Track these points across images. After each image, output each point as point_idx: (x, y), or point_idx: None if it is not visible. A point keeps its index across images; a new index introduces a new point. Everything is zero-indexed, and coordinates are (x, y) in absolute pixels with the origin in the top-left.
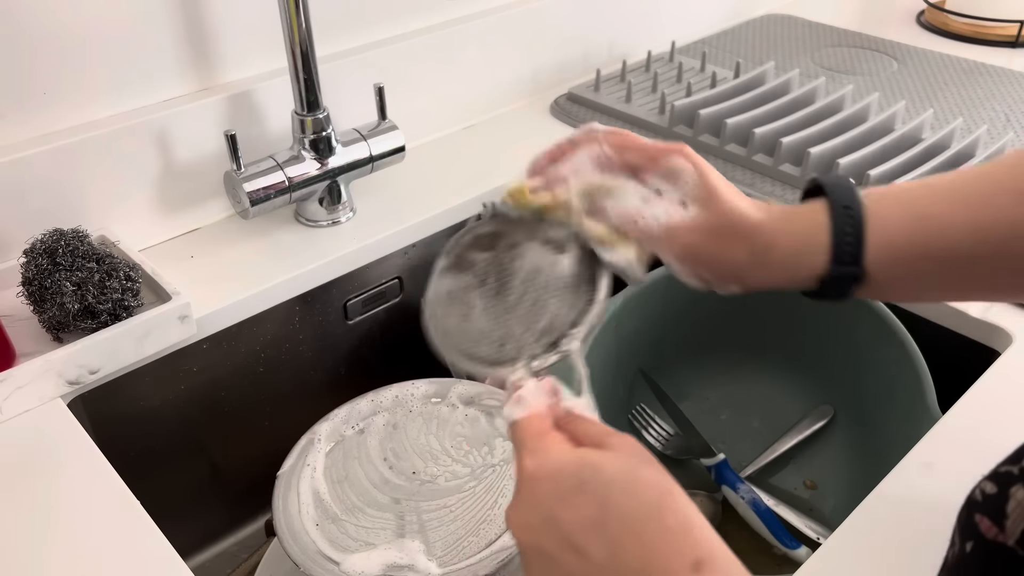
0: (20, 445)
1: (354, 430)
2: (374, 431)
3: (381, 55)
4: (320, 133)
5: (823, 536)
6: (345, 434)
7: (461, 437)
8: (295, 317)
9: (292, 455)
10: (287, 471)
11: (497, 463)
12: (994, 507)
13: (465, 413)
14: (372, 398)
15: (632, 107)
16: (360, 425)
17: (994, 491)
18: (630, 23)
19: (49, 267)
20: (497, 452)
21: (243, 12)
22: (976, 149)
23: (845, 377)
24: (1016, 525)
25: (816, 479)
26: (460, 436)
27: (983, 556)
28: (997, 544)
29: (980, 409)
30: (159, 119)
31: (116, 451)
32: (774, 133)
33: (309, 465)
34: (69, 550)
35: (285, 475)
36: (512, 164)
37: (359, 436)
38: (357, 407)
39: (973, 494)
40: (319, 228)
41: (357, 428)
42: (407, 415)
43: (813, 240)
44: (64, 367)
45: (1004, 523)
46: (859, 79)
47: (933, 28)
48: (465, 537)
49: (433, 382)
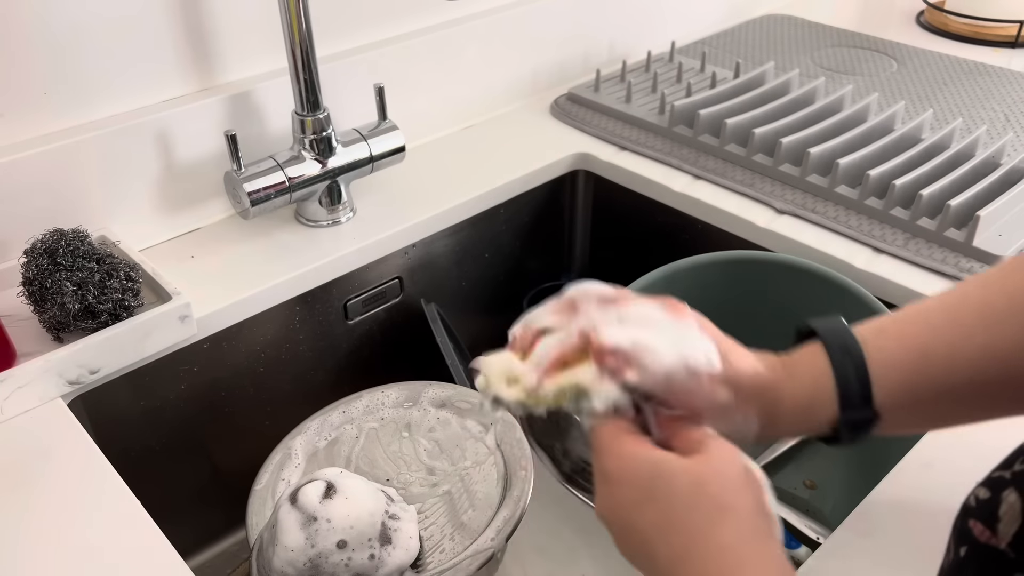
0: (20, 445)
1: (327, 441)
2: (346, 441)
3: (381, 55)
4: (320, 133)
5: (823, 536)
6: (318, 446)
7: (434, 441)
8: (295, 317)
9: (266, 470)
10: (262, 487)
11: (469, 465)
12: (987, 511)
13: (437, 416)
14: (343, 408)
15: (632, 107)
16: (332, 435)
17: (987, 496)
18: (630, 23)
19: (50, 267)
20: (469, 455)
21: (243, 12)
22: (976, 149)
23: None
24: (1008, 528)
25: (816, 479)
26: (433, 440)
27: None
28: (990, 548)
29: None
30: (160, 119)
31: (116, 451)
32: (774, 133)
33: (284, 480)
34: (69, 550)
35: (260, 491)
36: (513, 164)
37: (332, 447)
38: (328, 418)
39: (968, 501)
40: (319, 228)
41: (330, 439)
42: (379, 423)
43: (819, 390)
44: (64, 367)
45: (996, 526)
46: (859, 79)
47: (933, 28)
48: (441, 542)
49: (404, 387)
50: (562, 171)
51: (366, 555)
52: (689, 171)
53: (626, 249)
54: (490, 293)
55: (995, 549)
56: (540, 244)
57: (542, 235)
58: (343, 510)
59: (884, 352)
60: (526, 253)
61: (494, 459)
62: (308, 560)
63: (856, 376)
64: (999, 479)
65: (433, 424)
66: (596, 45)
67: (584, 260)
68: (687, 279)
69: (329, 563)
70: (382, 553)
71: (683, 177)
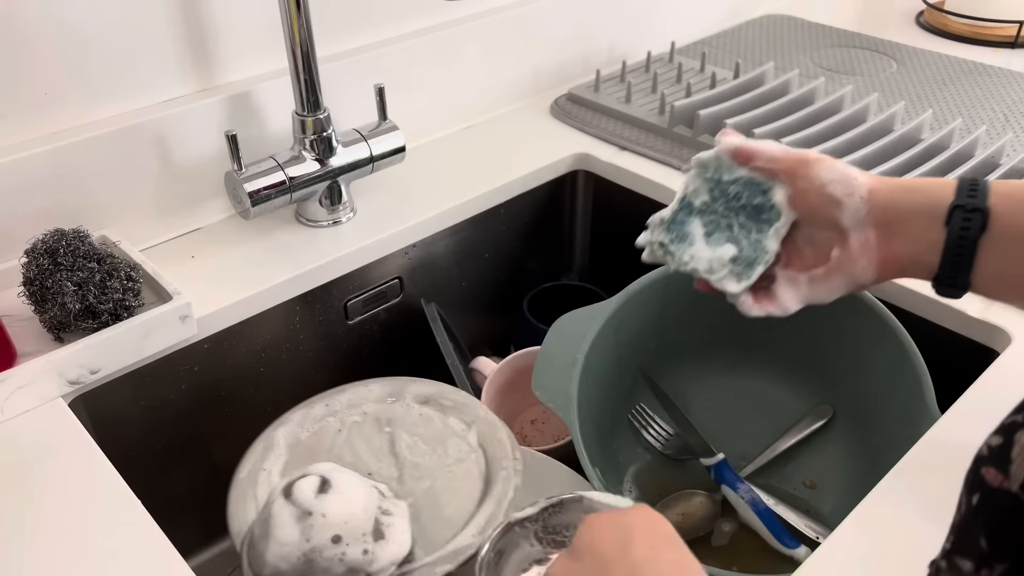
0: (21, 445)
1: (309, 433)
2: (328, 433)
3: (381, 55)
4: (321, 133)
5: (822, 536)
6: (300, 437)
7: (417, 436)
8: (296, 317)
9: (248, 460)
10: (244, 477)
11: (451, 463)
12: (1000, 456)
13: (420, 413)
14: (326, 401)
15: (632, 107)
16: (315, 427)
17: (999, 442)
18: (630, 23)
19: (50, 267)
20: (451, 452)
21: (244, 13)
22: (975, 149)
23: (845, 377)
24: (1021, 470)
25: (816, 479)
26: (415, 436)
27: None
28: (1003, 491)
29: (979, 409)
30: (160, 119)
31: (117, 451)
32: (774, 133)
33: (265, 470)
34: (70, 550)
35: (242, 480)
36: (513, 164)
37: (314, 439)
38: (311, 411)
39: (980, 451)
40: (320, 228)
41: (312, 431)
42: (362, 416)
43: (940, 192)
44: (65, 367)
45: (1009, 469)
46: (858, 80)
47: (932, 29)
48: (421, 536)
49: (388, 382)
50: (562, 171)
51: (360, 550)
52: None
53: (626, 249)
54: (490, 293)
55: (1008, 492)
56: (540, 244)
57: (542, 235)
58: (338, 505)
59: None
60: (526, 253)
61: (476, 457)
62: (302, 554)
63: (975, 182)
64: (1011, 424)
65: (416, 420)
66: (596, 45)
67: (584, 260)
68: (687, 279)
69: (323, 558)
70: (375, 548)
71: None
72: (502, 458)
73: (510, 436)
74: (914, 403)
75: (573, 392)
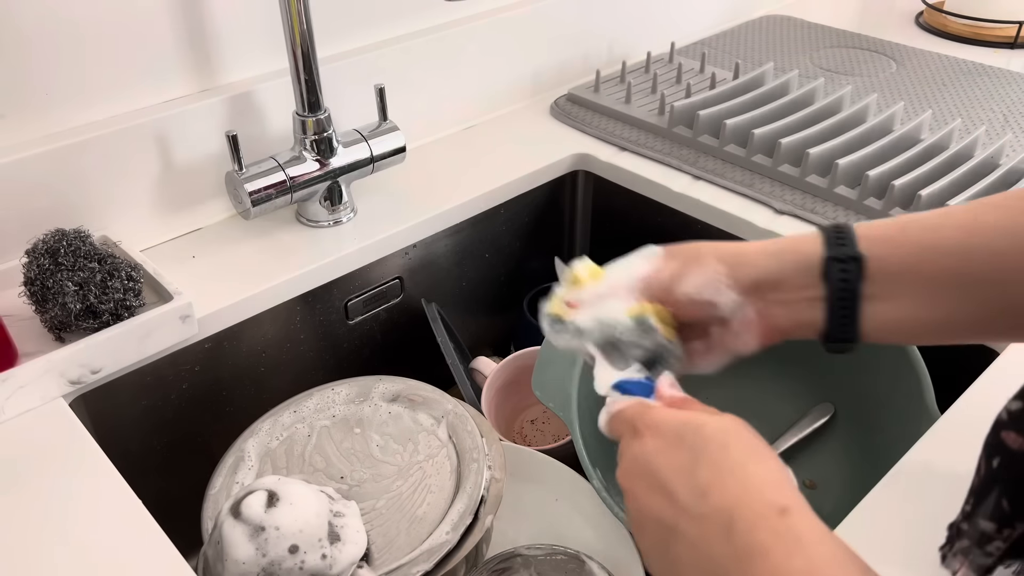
0: (22, 445)
1: (278, 441)
2: (299, 440)
3: (382, 56)
4: (321, 134)
5: None
6: (271, 447)
7: (387, 435)
8: (296, 317)
9: (219, 474)
10: (216, 491)
11: (422, 459)
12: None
13: (388, 411)
14: (294, 408)
15: (632, 108)
16: (284, 435)
17: (1019, 407)
18: (630, 24)
19: (51, 267)
20: (422, 448)
21: (244, 13)
22: (975, 150)
23: (845, 377)
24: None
25: (816, 479)
26: (385, 435)
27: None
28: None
29: (979, 409)
30: (161, 120)
31: (118, 451)
32: (773, 134)
33: (238, 483)
34: (71, 549)
35: (214, 496)
36: (513, 165)
37: (285, 447)
38: (280, 419)
39: (999, 416)
40: (320, 228)
41: (281, 439)
42: (331, 420)
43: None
44: (66, 367)
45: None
46: (858, 80)
47: (932, 29)
48: (397, 537)
49: (354, 383)
50: (562, 171)
51: (318, 555)
52: (689, 172)
53: (626, 249)
54: (490, 293)
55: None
56: (540, 244)
57: (542, 235)
58: (290, 516)
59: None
60: (526, 253)
61: (447, 451)
62: (261, 570)
63: (839, 230)
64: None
65: (385, 419)
66: (596, 45)
67: None
68: None
69: (283, 569)
70: (333, 551)
71: (683, 178)
72: (472, 449)
73: (481, 424)
74: (914, 403)
75: (573, 392)
